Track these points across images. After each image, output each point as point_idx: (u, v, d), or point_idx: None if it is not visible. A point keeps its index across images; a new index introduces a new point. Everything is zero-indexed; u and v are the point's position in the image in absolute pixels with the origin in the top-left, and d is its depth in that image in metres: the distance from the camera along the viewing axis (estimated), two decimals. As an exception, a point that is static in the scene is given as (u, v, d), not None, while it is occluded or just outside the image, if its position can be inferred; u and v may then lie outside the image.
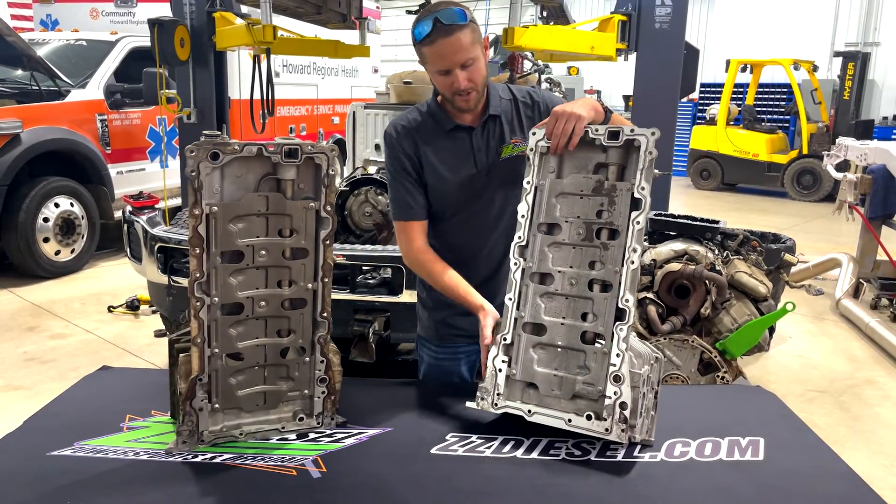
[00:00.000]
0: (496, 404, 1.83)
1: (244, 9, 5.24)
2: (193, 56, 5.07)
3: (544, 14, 5.76)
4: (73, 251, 6.46)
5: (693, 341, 3.59)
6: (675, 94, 4.77)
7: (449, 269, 2.08)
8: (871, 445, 3.64)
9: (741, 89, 13.39)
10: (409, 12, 6.02)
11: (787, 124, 13.42)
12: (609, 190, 1.81)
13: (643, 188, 1.75)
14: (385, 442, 1.81)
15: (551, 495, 1.59)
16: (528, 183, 1.89)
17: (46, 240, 6.21)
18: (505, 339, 1.85)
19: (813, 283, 5.81)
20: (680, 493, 1.62)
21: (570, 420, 1.75)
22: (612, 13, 4.75)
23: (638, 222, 1.75)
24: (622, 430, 1.69)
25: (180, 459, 1.70)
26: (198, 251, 1.66)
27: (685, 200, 12.14)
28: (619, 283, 1.75)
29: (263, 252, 1.74)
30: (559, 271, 1.84)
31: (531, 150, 1.90)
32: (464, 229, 2.14)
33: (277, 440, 1.81)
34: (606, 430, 1.70)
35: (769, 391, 2.19)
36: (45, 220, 6.18)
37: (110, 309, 5.45)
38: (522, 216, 1.88)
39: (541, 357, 1.83)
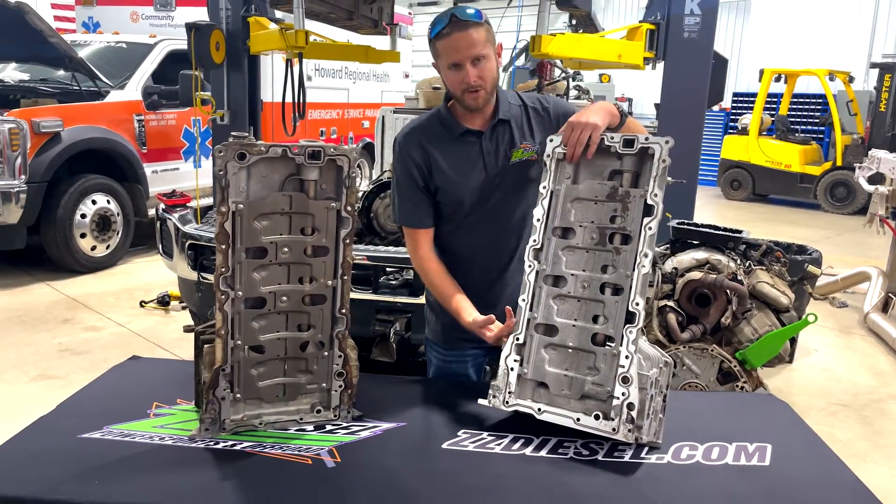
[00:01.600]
0: (507, 402, 1.88)
1: (278, 14, 5.36)
2: (228, 59, 5.18)
3: (573, 22, 5.79)
4: (108, 247, 6.64)
5: (713, 350, 3.60)
6: (702, 103, 4.77)
7: (449, 281, 2.17)
8: (892, 460, 3.61)
9: (776, 99, 13.25)
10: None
11: (821, 135, 13.24)
12: (623, 196, 1.85)
13: (656, 195, 1.80)
14: (398, 436, 1.87)
15: (557, 493, 1.64)
16: (545, 188, 1.94)
17: (83, 235, 6.39)
18: (518, 339, 1.90)
19: (837, 296, 5.75)
20: (684, 495, 1.65)
21: (578, 419, 1.79)
22: (640, 22, 4.77)
23: (650, 228, 1.79)
24: (629, 431, 1.73)
25: (202, 446, 1.78)
26: (224, 247, 1.74)
27: (714, 210, 12.04)
28: (630, 287, 1.79)
29: (286, 249, 1.81)
30: (572, 274, 1.89)
31: (548, 156, 1.95)
32: (475, 230, 2.19)
33: (296, 430, 1.88)
34: (614, 429, 1.74)
35: (780, 399, 2.21)
36: (83, 216, 6.36)
37: (142, 304, 5.60)
38: (538, 220, 1.93)
39: (552, 357, 1.88)
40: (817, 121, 13.49)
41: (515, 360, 1.90)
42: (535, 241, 1.93)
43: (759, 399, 2.36)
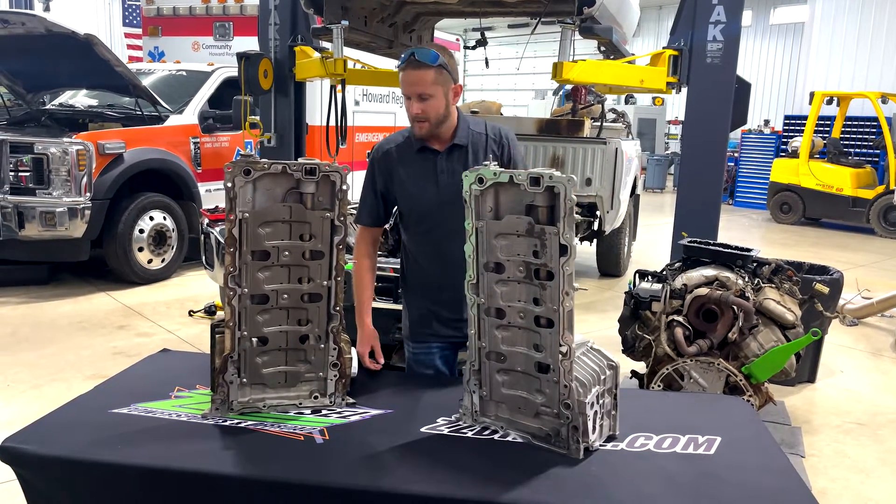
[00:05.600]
0: (475, 420, 2.10)
1: (324, 44, 5.71)
2: (276, 86, 5.57)
3: (602, 49, 5.99)
4: (163, 260, 7.09)
5: (719, 364, 3.71)
6: (725, 126, 4.90)
7: (365, 283, 2.50)
8: (897, 476, 3.64)
9: (829, 122, 13.08)
10: (469, 48, 6.38)
11: (877, 159, 12.99)
12: (539, 233, 1.91)
13: (567, 236, 1.85)
14: (383, 420, 2.11)
15: (510, 470, 1.84)
16: (470, 225, 2.03)
17: (141, 249, 6.85)
18: (474, 366, 2.09)
19: (848, 315, 5.73)
20: (627, 475, 1.83)
21: (533, 437, 1.99)
22: (664, 48, 4.95)
23: (567, 268, 1.86)
24: (576, 447, 1.91)
25: (212, 422, 2.05)
26: (232, 250, 2.02)
27: (763, 234, 11.93)
28: (559, 322, 1.89)
29: (286, 253, 2.09)
30: (509, 306, 2.01)
31: (466, 192, 2.01)
32: (427, 239, 2.48)
33: (294, 413, 2.13)
34: (565, 447, 1.93)
35: (746, 402, 2.35)
36: (141, 231, 6.83)
37: (190, 313, 5.99)
38: (469, 256, 2.03)
39: (505, 381, 2.07)
40: (871, 144, 13.23)
41: (475, 384, 2.09)
42: (471, 276, 2.04)
43: (726, 400, 2.51)
